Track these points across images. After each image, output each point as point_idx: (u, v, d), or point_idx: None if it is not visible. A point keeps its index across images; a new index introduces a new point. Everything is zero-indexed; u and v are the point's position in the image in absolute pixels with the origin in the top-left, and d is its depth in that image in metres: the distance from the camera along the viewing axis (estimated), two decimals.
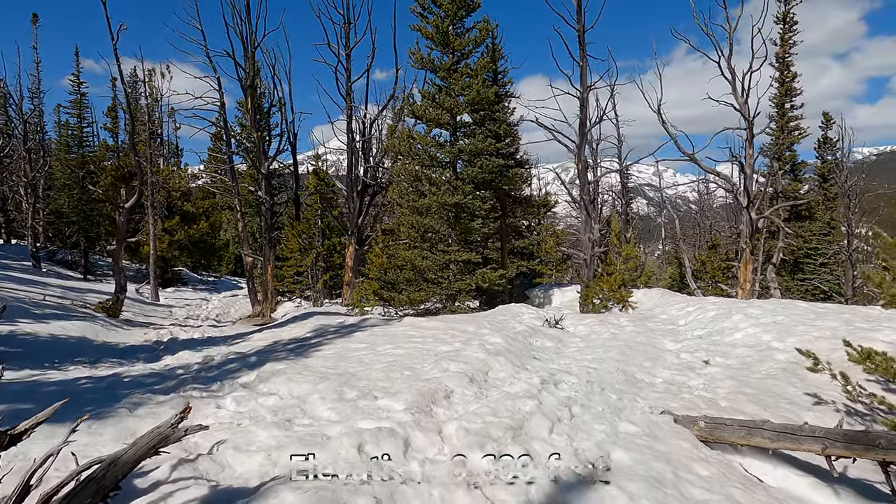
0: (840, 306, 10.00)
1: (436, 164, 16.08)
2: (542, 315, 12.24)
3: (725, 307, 10.30)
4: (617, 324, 10.94)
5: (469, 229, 15.66)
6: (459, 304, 16.49)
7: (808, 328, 8.17)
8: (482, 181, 16.05)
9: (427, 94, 15.44)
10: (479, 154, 15.76)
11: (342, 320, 11.65)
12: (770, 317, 9.12)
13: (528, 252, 28.39)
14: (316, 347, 8.62)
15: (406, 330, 9.17)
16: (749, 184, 16.15)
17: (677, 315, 11.17)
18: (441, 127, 16.12)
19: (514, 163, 18.51)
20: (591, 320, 11.35)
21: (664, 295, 13.55)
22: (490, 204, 15.92)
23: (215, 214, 26.78)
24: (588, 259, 14.50)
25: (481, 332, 9.06)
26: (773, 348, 7.79)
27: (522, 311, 12.67)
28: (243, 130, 24.66)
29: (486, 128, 15.89)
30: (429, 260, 15.59)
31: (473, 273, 15.86)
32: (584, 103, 14.28)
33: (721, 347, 8.07)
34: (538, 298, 18.73)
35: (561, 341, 9.27)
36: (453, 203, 15.07)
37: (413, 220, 15.71)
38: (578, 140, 14.42)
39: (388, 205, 20.46)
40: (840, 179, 23.19)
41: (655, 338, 9.17)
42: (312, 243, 20.91)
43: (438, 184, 15.22)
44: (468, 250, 16.02)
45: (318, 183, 20.47)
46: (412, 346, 7.93)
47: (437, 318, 10.58)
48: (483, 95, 15.15)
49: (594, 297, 14.47)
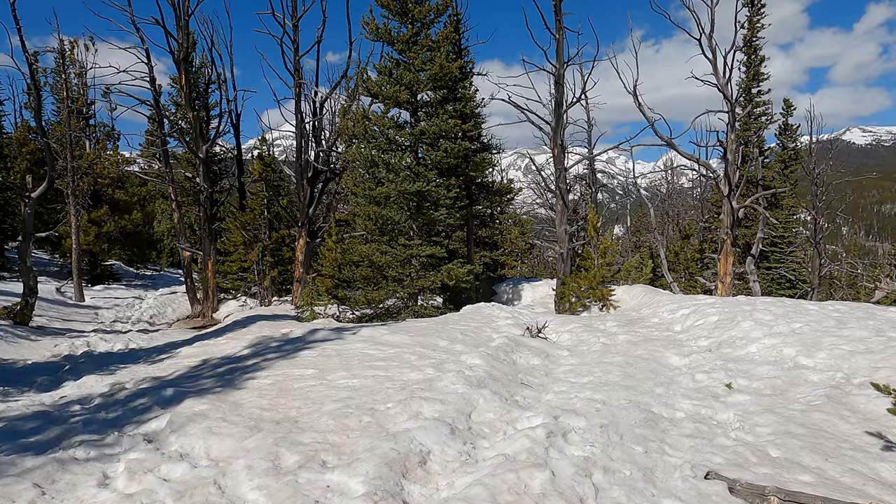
0: (855, 307, 8.98)
1: (394, 148, 14.41)
2: (519, 319, 10.84)
3: (728, 311, 9.12)
4: (605, 330, 9.63)
5: (432, 220, 14.11)
6: (423, 302, 14.98)
7: (836, 340, 7.01)
8: (447, 167, 14.49)
9: (383, 69, 13.71)
10: (443, 136, 14.17)
11: (287, 331, 9.94)
12: (785, 324, 7.96)
13: (492, 242, 27.09)
14: (252, 373, 6.93)
15: (364, 348, 7.57)
16: (730, 171, 15.15)
17: (670, 319, 9.95)
18: (400, 106, 14.44)
19: (479, 146, 17.01)
20: (574, 325, 10.02)
21: (648, 293, 12.37)
22: (455, 192, 14.40)
23: (151, 203, 24.28)
24: (564, 253, 13.19)
25: (455, 349, 7.56)
26: (801, 366, 6.58)
27: (496, 315, 11.24)
28: (179, 110, 22.25)
29: (451, 107, 14.30)
30: (388, 255, 13.99)
31: (438, 269, 14.35)
32: (561, 80, 12.87)
33: (739, 365, 6.82)
34: (506, 294, 17.39)
35: (548, 356, 7.87)
36: (415, 191, 13.48)
37: (370, 210, 14.05)
38: (554, 121, 13.02)
39: (343, 193, 18.66)
40: (808, 166, 22.67)
41: (656, 350, 7.87)
42: (258, 236, 18.92)
43: (397, 170, 13.57)
44: (432, 244, 14.48)
45: (264, 169, 18.45)
46: (372, 373, 6.35)
47: (401, 329, 9.02)
48: (446, 70, 13.54)
49: (571, 294, 13.18)
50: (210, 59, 18.51)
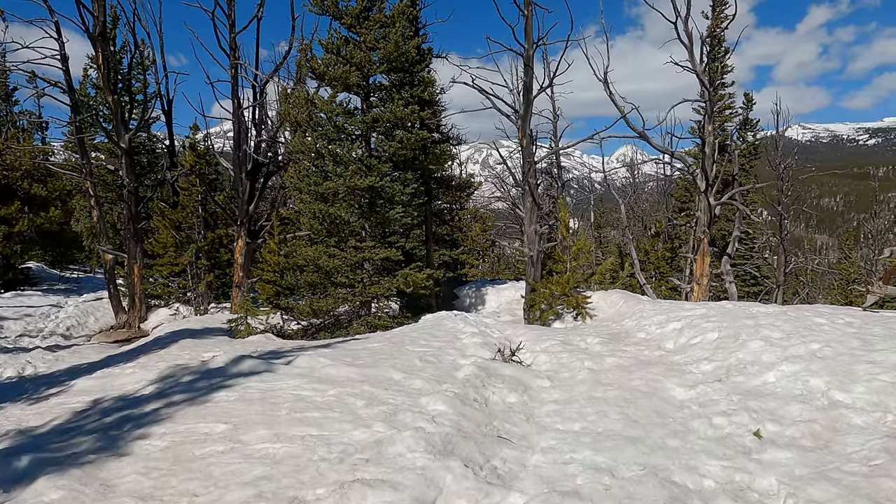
0: (866, 318, 7.91)
1: (344, 138, 12.75)
2: (487, 335, 9.41)
3: (728, 326, 7.91)
4: (587, 349, 8.30)
5: (387, 220, 12.53)
6: (377, 309, 13.40)
7: (870, 367, 5.83)
8: (403, 159, 12.93)
9: (330, 47, 12.01)
10: (398, 124, 12.61)
11: (209, 356, 8.23)
12: (800, 344, 6.77)
13: (452, 239, 25.66)
14: (147, 426, 5.25)
15: (298, 386, 5.97)
16: (707, 165, 14.12)
17: (660, 334, 8.70)
18: (349, 90, 12.77)
19: (439, 137, 15.49)
20: (551, 342, 8.65)
21: (628, 300, 11.14)
22: (413, 187, 12.87)
23: (73, 199, 21.75)
24: (534, 256, 11.85)
25: (413, 387, 6.04)
26: (838, 404, 5.37)
27: (460, 329, 9.79)
28: (99, 94, 19.85)
29: (407, 92, 12.73)
30: (337, 259, 12.36)
31: (394, 274, 12.80)
32: (530, 62, 11.47)
33: (761, 402, 5.57)
34: (469, 299, 15.99)
35: (527, 390, 6.46)
36: (367, 186, 11.88)
37: (316, 208, 12.38)
38: (522, 108, 11.62)
39: (288, 188, 16.84)
40: (774, 161, 22.10)
41: (654, 379, 6.56)
42: (192, 236, 16.91)
43: (347, 162, 11.93)
44: (387, 245, 12.92)
45: (197, 161, 16.42)
46: (303, 431, 4.78)
47: (348, 355, 7.44)
48: (402, 50, 11.97)
49: (542, 301, 11.86)
50: (133, 36, 16.31)
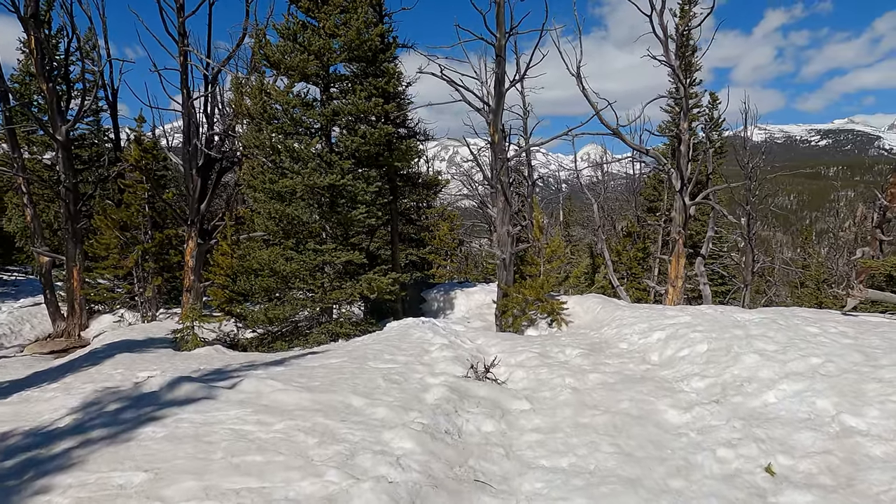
0: (859, 324, 7.45)
1: (302, 132, 11.81)
2: (458, 346, 8.66)
3: (718, 337, 7.35)
4: (567, 362, 7.64)
5: (350, 220, 11.67)
6: (339, 314, 12.52)
7: (879, 386, 5.31)
8: (366, 155, 12.06)
9: (286, 32, 11.05)
10: (361, 118, 11.74)
11: (144, 377, 7.26)
12: (798, 357, 6.23)
13: (418, 239, 24.86)
14: (52, 475, 4.30)
15: (240, 420, 5.09)
16: (683, 163, 13.69)
17: (643, 345, 8.11)
18: (308, 80, 11.85)
19: (405, 132, 14.65)
20: (527, 354, 7.95)
21: (605, 306, 10.55)
22: (377, 185, 12.02)
23: (6, 196, 20.09)
24: (507, 259, 11.16)
25: (375, 417, 5.23)
26: (851, 430, 4.81)
27: (428, 340, 9.02)
28: (33, 81, 18.32)
29: (370, 83, 11.86)
30: (295, 262, 11.43)
31: (357, 278, 11.95)
32: (502, 52, 10.76)
33: (767, 429, 4.98)
34: (437, 302, 15.23)
35: (504, 416, 5.74)
36: (327, 185, 10.99)
37: (272, 207, 11.42)
38: (494, 102, 10.90)
39: (243, 186, 15.75)
40: (742, 160, 21.99)
41: (645, 399, 5.92)
42: (138, 237, 15.66)
43: (305, 158, 11.01)
44: (349, 248, 12.06)
45: (143, 155, 15.19)
46: (240, 482, 3.93)
47: (302, 375, 6.58)
48: (365, 38, 11.11)
49: (515, 307, 11.19)
50: (70, 19, 14.96)
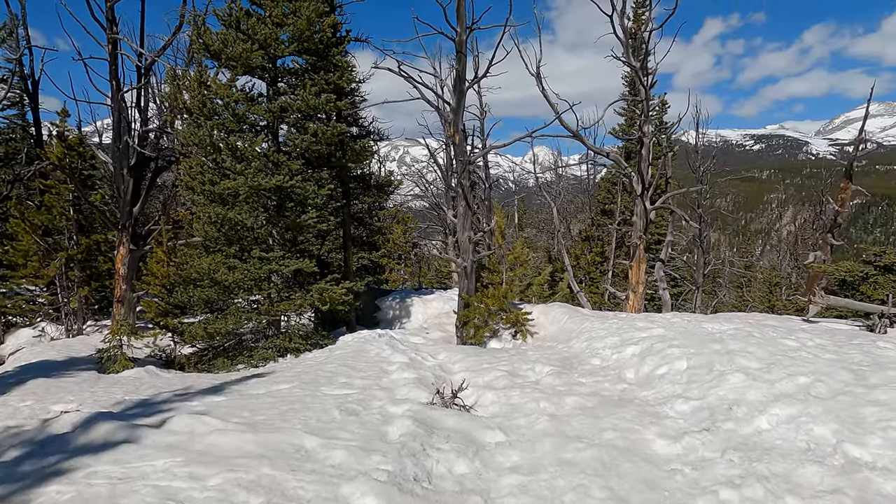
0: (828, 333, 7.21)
1: (246, 129, 10.85)
2: (419, 364, 7.98)
3: (696, 352, 6.93)
4: (538, 382, 7.08)
5: (299, 225, 10.80)
6: (288, 328, 11.61)
7: (878, 410, 4.96)
8: (317, 155, 11.20)
9: (228, 19, 10.08)
10: (311, 115, 10.89)
11: (58, 412, 6.22)
12: (785, 377, 5.86)
13: (371, 242, 23.99)
14: None
15: (167, 474, 4.23)
16: (644, 167, 13.46)
17: (617, 360, 7.64)
18: (253, 73, 10.90)
19: (359, 131, 13.83)
20: (495, 374, 7.35)
21: (572, 317, 10.10)
22: (329, 188, 11.19)
23: None
24: (468, 267, 10.54)
25: (330, 463, 4.47)
26: (857, 463, 4.41)
27: (387, 358, 8.31)
28: None
29: (322, 78, 11.01)
30: (238, 271, 10.47)
31: (308, 288, 11.08)
32: (463, 48, 10.14)
33: (766, 462, 4.53)
34: (392, 311, 14.49)
35: (478, 452, 5.09)
36: (273, 187, 10.10)
37: (212, 211, 10.43)
38: (455, 100, 10.27)
39: (181, 187, 14.56)
40: (693, 163, 22.22)
41: (629, 428, 5.40)
42: (62, 243, 14.21)
43: (249, 158, 10.07)
44: (299, 255, 11.18)
45: (67, 153, 13.78)
46: None
47: (245, 408, 5.74)
48: (316, 28, 10.29)
49: (476, 317, 10.59)
50: None
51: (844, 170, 14.03)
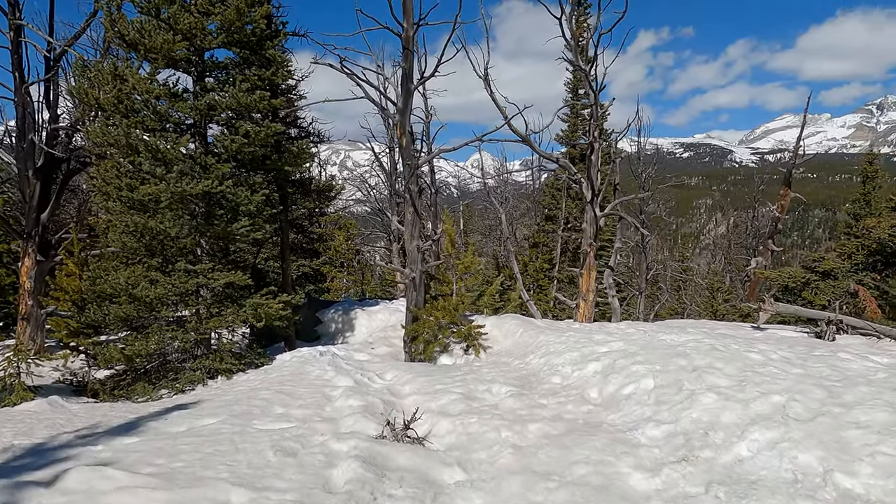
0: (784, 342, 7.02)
1: (170, 128, 9.80)
2: (368, 388, 7.26)
3: (662, 370, 6.55)
4: (497, 405, 6.51)
5: (230, 234, 9.85)
6: (219, 346, 10.61)
7: (861, 434, 4.64)
8: (250, 158, 10.28)
9: (147, 6, 9.04)
10: (244, 114, 9.97)
11: None
12: (759, 396, 5.53)
13: (312, 249, 22.94)
14: None
15: None
16: (593, 172, 13.24)
17: (579, 378, 7.17)
18: (176, 66, 9.89)
19: (297, 132, 12.93)
20: (450, 397, 6.73)
21: (527, 329, 9.61)
22: (264, 193, 10.29)
23: None
24: (416, 278, 9.89)
25: None
26: (850, 495, 4.05)
27: (330, 381, 7.55)
28: None
29: (255, 74, 10.12)
30: (161, 285, 9.43)
31: (240, 303, 10.13)
32: (410, 45, 9.51)
33: (754, 498, 4.12)
34: (335, 324, 13.65)
35: (436, 497, 4.44)
36: (201, 192, 9.14)
37: (130, 220, 9.35)
38: (401, 100, 9.62)
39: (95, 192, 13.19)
40: (635, 170, 22.46)
41: (602, 459, 4.91)
42: None
43: (172, 160, 9.06)
44: (230, 267, 10.22)
45: None
46: None
47: (160, 452, 4.87)
48: (247, 18, 9.41)
49: (426, 332, 9.96)
50: None
51: (784, 178, 14.29)
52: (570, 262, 24.70)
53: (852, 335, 9.68)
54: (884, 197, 22.44)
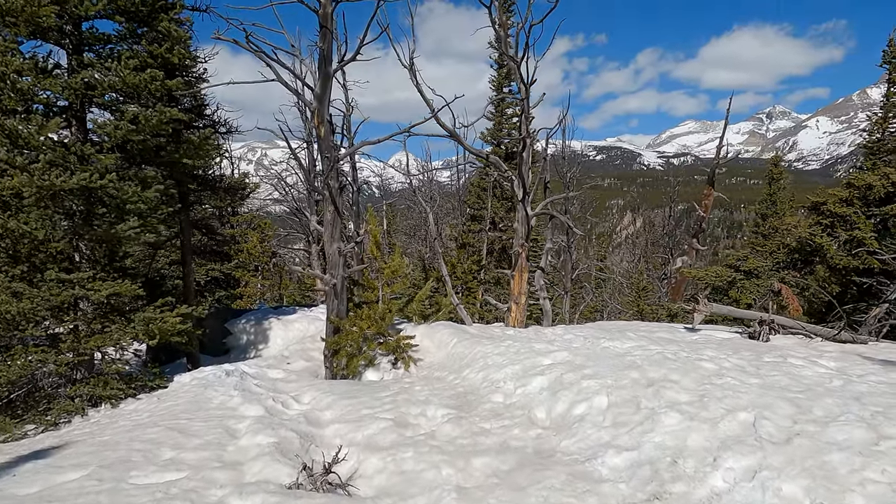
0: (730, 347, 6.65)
1: (36, 110, 8.19)
2: (281, 418, 6.18)
3: (615, 384, 5.93)
4: (434, 433, 5.65)
5: (115, 237, 8.39)
6: (104, 366, 9.10)
7: (846, 457, 4.17)
8: (141, 148, 8.83)
9: None
10: (132, 96, 8.53)
11: None
12: (724, 413, 5.00)
13: (222, 252, 21.12)
14: None
15: None
16: (525, 170, 12.67)
17: (522, 395, 6.43)
18: (46, 37, 8.30)
19: (199, 121, 11.44)
20: (378, 427, 5.79)
21: (461, 339, 8.80)
22: (158, 189, 8.86)
23: None
24: (338, 285, 8.84)
25: None
26: None
27: (236, 410, 6.40)
28: None
29: (146, 50, 8.69)
30: (27, 298, 7.84)
31: (129, 317, 8.68)
32: (328, 24, 8.45)
33: None
34: (246, 336, 12.30)
35: None
36: (77, 188, 7.65)
37: None
38: (319, 85, 8.53)
39: None
40: (560, 170, 22.39)
41: (563, 502, 4.16)
42: None
43: (38, 148, 7.52)
44: (117, 275, 8.73)
45: None
46: None
47: None
48: None
49: (349, 344, 8.94)
50: None
51: (708, 177, 14.40)
52: (496, 262, 24.30)
53: (784, 335, 9.62)
54: (787, 198, 23.69)
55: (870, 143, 14.38)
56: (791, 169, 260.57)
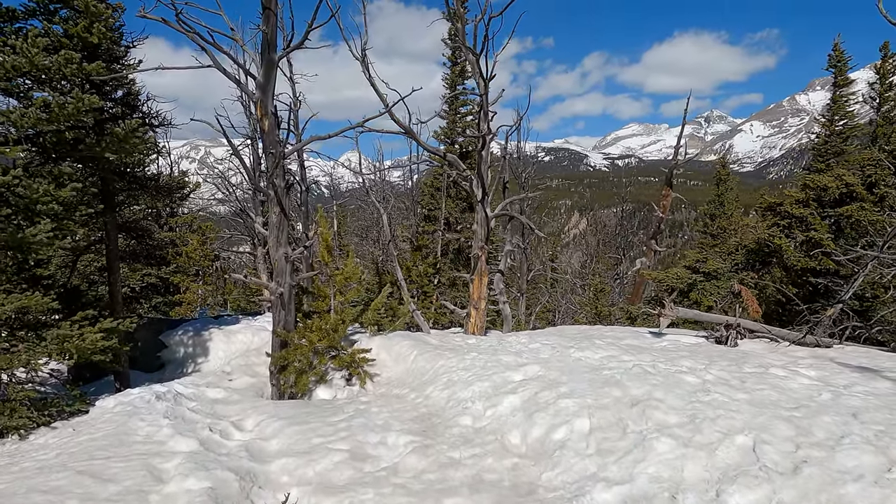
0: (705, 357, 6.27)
1: None
2: (219, 452, 5.34)
3: (595, 404, 5.39)
4: (396, 469, 4.96)
5: (23, 243, 7.27)
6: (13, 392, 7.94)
7: (860, 487, 3.77)
8: (56, 140, 7.74)
9: None
10: (43, 80, 7.44)
11: None
12: (721, 437, 4.54)
13: (160, 256, 19.67)
14: None
15: None
16: (484, 170, 12.13)
17: (493, 417, 5.82)
18: None
19: (126, 111, 10.27)
20: (332, 461, 5.06)
21: (421, 350, 8.12)
22: (75, 188, 7.78)
23: None
24: (285, 294, 8.00)
25: None
26: None
27: (163, 445, 5.51)
28: None
29: (59, 27, 7.60)
30: None
31: (42, 334, 7.59)
32: (272, 5, 7.61)
33: None
34: (184, 348, 11.24)
35: None
36: None
37: None
38: (263, 74, 7.67)
39: None
40: (516, 170, 22.03)
41: None
42: None
43: None
44: (27, 285, 7.62)
45: None
46: None
47: None
48: None
49: (298, 360, 8.11)
50: None
51: (666, 178, 14.25)
52: (451, 263, 23.75)
53: (751, 339, 9.43)
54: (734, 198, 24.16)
55: (817, 146, 14.55)
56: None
